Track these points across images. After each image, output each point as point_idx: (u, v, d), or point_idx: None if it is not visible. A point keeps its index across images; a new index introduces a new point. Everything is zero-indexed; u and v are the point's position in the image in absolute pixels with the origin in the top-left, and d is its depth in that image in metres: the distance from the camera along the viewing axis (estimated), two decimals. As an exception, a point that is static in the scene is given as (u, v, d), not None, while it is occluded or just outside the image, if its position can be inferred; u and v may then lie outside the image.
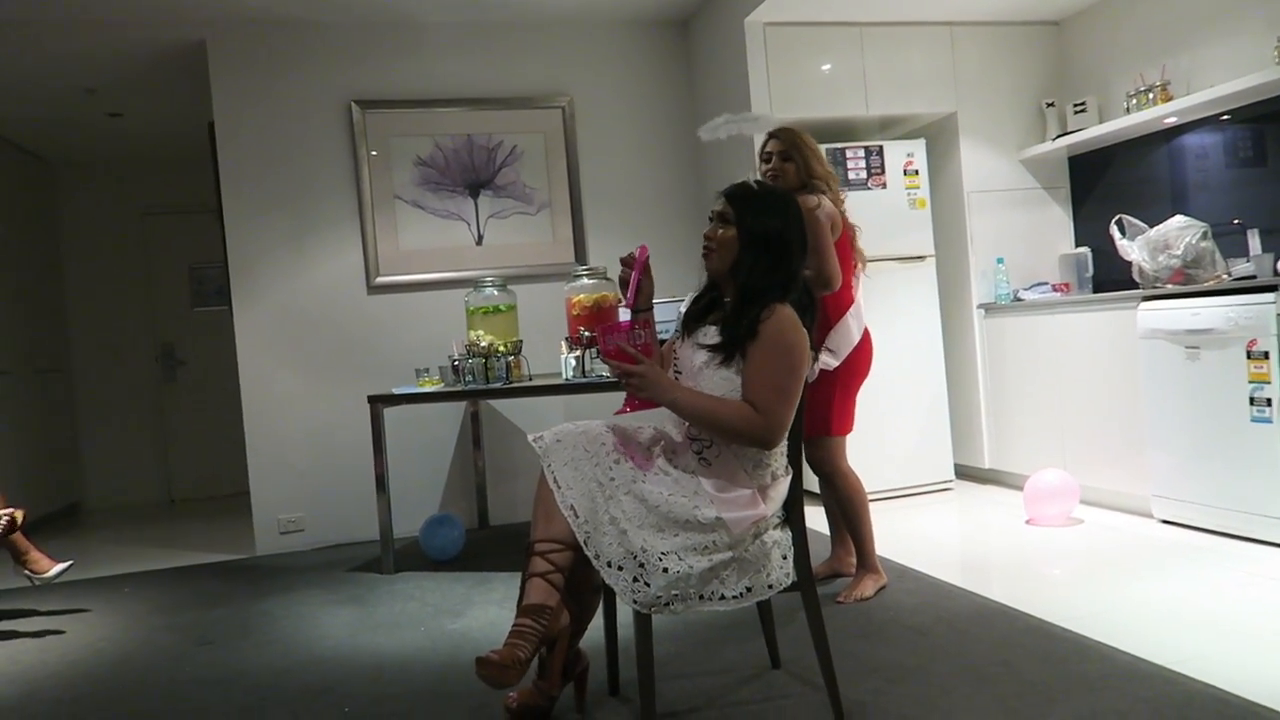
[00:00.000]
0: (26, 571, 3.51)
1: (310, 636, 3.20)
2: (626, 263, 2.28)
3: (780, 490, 2.18)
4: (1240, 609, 2.79)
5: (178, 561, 4.63)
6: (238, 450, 4.84)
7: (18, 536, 3.53)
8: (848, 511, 3.21)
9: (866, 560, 3.20)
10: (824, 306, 3.15)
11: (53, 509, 6.20)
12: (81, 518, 6.49)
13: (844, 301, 3.18)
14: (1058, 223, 5.05)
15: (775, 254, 2.17)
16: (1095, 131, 4.61)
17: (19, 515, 3.48)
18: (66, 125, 5.88)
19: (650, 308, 2.29)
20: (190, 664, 3.00)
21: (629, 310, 2.27)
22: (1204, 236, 3.81)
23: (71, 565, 3.61)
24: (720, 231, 2.19)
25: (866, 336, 3.25)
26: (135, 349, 6.92)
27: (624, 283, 2.28)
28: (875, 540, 3.23)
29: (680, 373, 2.21)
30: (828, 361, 3.16)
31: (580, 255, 5.06)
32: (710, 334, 2.20)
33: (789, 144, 3.21)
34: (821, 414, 3.15)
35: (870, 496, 3.29)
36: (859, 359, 3.23)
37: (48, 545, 3.81)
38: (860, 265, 3.30)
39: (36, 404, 6.14)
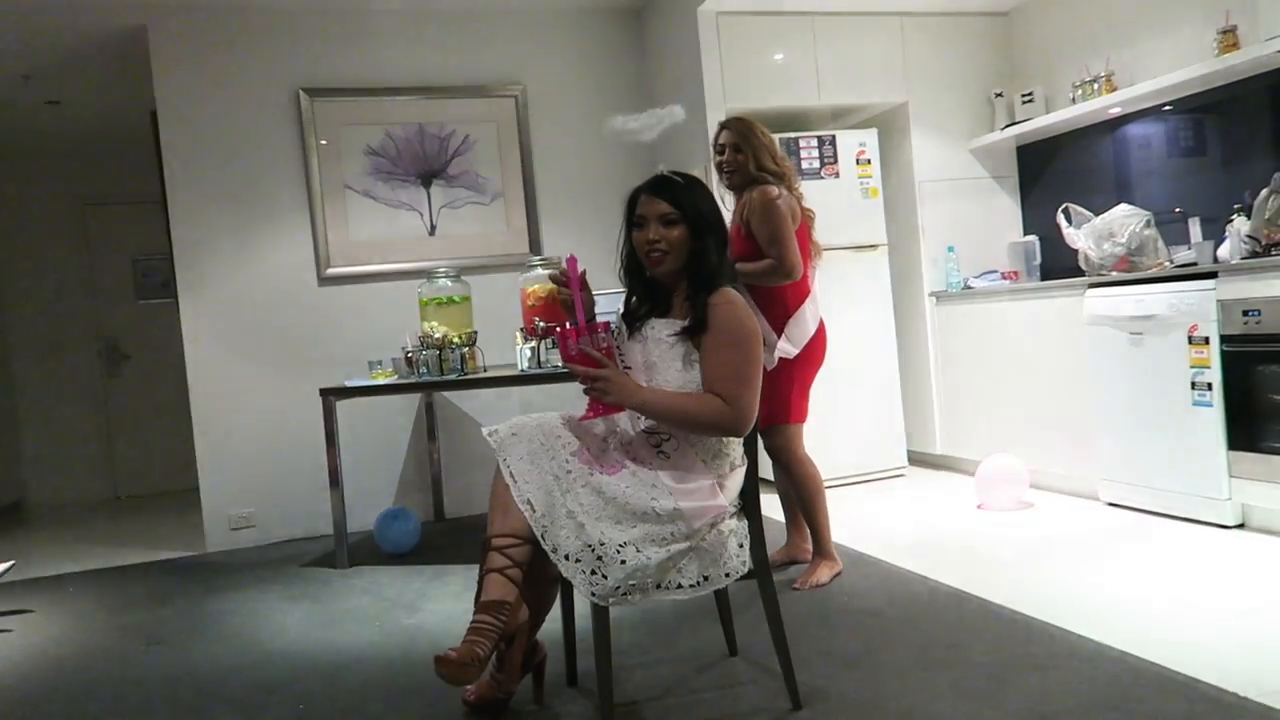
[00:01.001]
0: None
1: (263, 634, 3.15)
2: (559, 281, 2.19)
3: (737, 480, 2.19)
4: (1181, 589, 2.86)
5: (125, 560, 4.53)
6: (186, 446, 4.75)
7: None
8: (804, 499, 3.24)
9: (822, 547, 3.23)
10: (784, 295, 3.17)
11: (-7, 508, 6.04)
12: (23, 516, 6.33)
13: (802, 291, 3.20)
14: (1006, 212, 5.13)
15: (720, 235, 2.21)
16: (1042, 121, 4.68)
17: None
18: (2, 113, 5.70)
19: (594, 316, 2.22)
20: (139, 664, 2.94)
21: (580, 332, 2.13)
22: (1147, 225, 3.89)
23: (12, 566, 3.52)
24: (667, 231, 2.17)
25: (821, 327, 3.28)
26: (77, 343, 6.75)
27: (567, 305, 2.18)
28: (830, 526, 3.27)
29: (629, 369, 2.20)
30: (787, 350, 3.19)
31: (534, 245, 5.03)
32: (659, 328, 2.19)
33: (741, 135, 3.21)
34: (780, 402, 3.17)
35: (825, 483, 3.32)
36: (815, 348, 3.26)
37: (-12, 545, 3.72)
38: (817, 255, 3.32)
39: (-26, 400, 5.97)
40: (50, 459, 6.65)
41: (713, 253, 2.18)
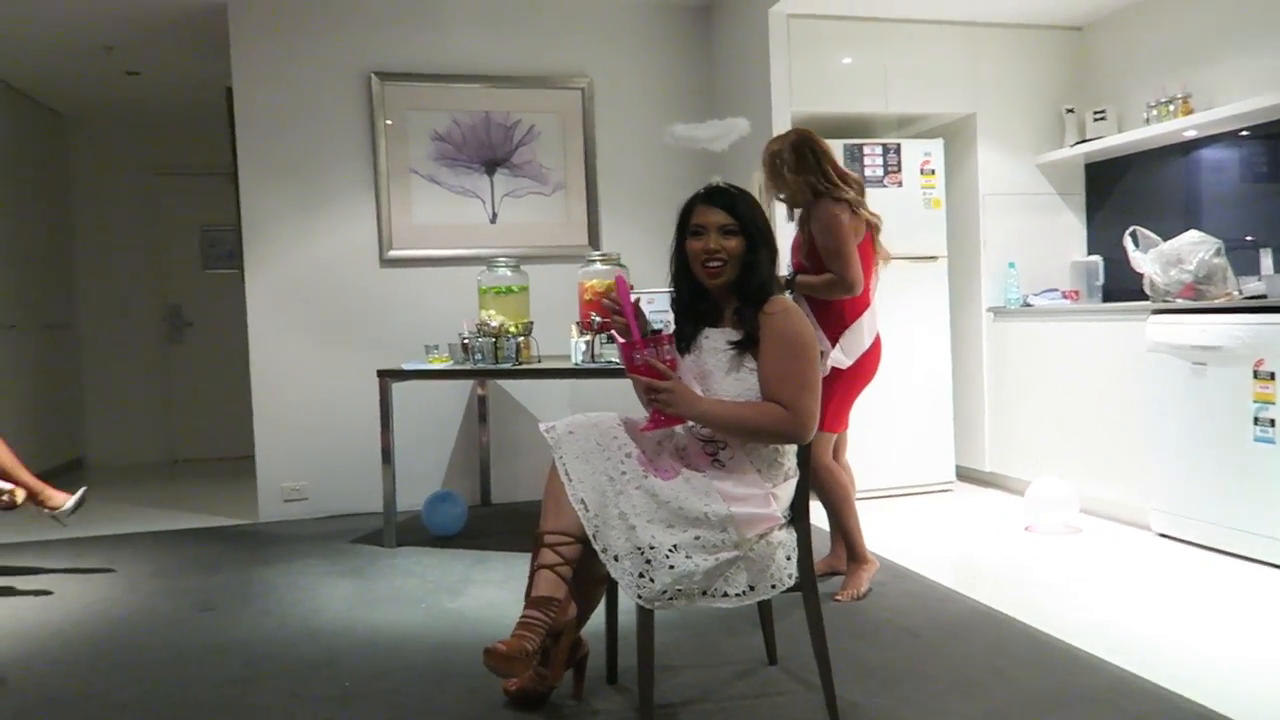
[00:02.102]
0: (46, 511, 3.53)
1: (310, 608, 3.23)
2: (613, 309, 2.18)
3: (788, 491, 2.21)
4: (1233, 629, 2.82)
5: (180, 524, 4.67)
6: (243, 414, 4.87)
7: (28, 479, 3.55)
8: (830, 506, 3.25)
9: (855, 551, 3.23)
10: (841, 305, 3.17)
11: (57, 463, 6.24)
12: (84, 474, 6.53)
13: (861, 303, 3.19)
14: (1071, 229, 5.05)
15: (771, 248, 2.23)
16: (1114, 140, 4.60)
17: (19, 496, 3.49)
18: (83, 81, 5.86)
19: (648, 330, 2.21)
20: (191, 630, 3.04)
21: (645, 343, 2.13)
22: (1217, 253, 3.81)
23: (86, 492, 3.63)
24: (727, 242, 2.18)
25: (877, 341, 3.27)
26: (143, 308, 6.94)
27: (622, 329, 2.17)
28: (870, 535, 3.26)
29: (683, 379, 2.22)
30: (840, 360, 3.18)
31: (593, 238, 5.06)
32: (714, 338, 2.21)
33: (801, 151, 3.19)
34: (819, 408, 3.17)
35: (870, 493, 3.32)
36: (867, 362, 3.25)
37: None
38: (882, 262, 3.31)
39: (44, 359, 6.17)
40: (111, 420, 6.86)
41: (765, 265, 2.20)
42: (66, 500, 3.54)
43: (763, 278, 2.19)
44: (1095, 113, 4.76)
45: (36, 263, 6.15)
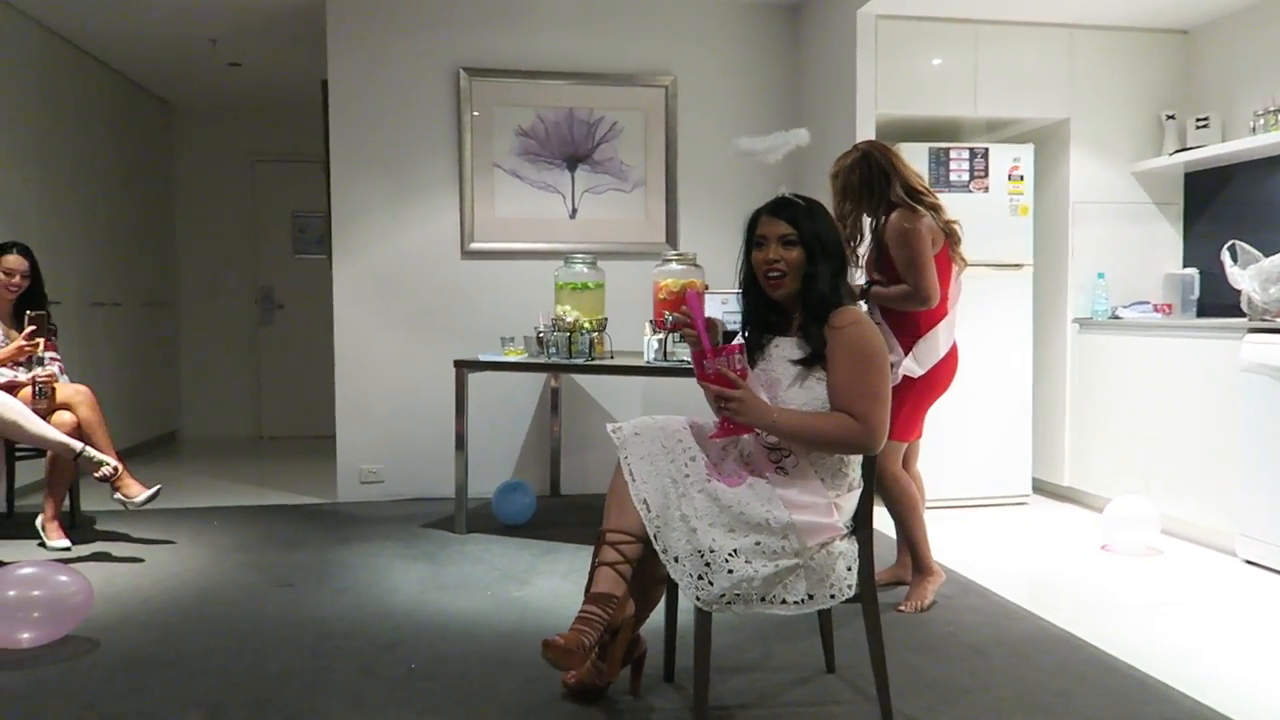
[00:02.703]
0: (118, 496, 3.70)
1: (382, 589, 3.34)
2: (685, 322, 2.17)
3: (852, 501, 2.21)
4: (1318, 664, 2.70)
5: (264, 500, 4.86)
6: (326, 395, 5.03)
7: (118, 464, 3.73)
8: (897, 515, 3.21)
9: (921, 562, 3.19)
10: (916, 314, 3.13)
11: (153, 436, 6.55)
12: (178, 447, 6.84)
13: (937, 313, 3.14)
14: (1166, 241, 4.87)
15: (835, 262, 2.22)
16: (1217, 150, 4.42)
17: (119, 467, 3.66)
18: (189, 71, 6.12)
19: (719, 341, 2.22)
20: (270, 604, 3.16)
21: (717, 352, 2.13)
22: (1322, 271, 3.65)
23: (159, 491, 3.79)
24: (787, 253, 2.19)
25: (954, 350, 3.21)
26: (237, 290, 7.23)
27: (694, 340, 2.16)
28: (938, 546, 3.21)
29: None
30: (911, 369, 3.14)
31: (671, 236, 5.08)
32: (784, 347, 2.22)
33: (874, 163, 3.15)
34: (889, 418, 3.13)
35: (941, 503, 3.28)
36: (942, 372, 3.19)
37: (145, 471, 4.07)
38: (960, 268, 3.25)
39: (144, 336, 6.46)
40: (205, 396, 7.17)
41: (824, 279, 2.19)
42: (141, 492, 3.69)
43: (823, 290, 2.18)
44: (1198, 120, 4.58)
45: (140, 244, 6.44)
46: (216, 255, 7.17)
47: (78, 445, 3.61)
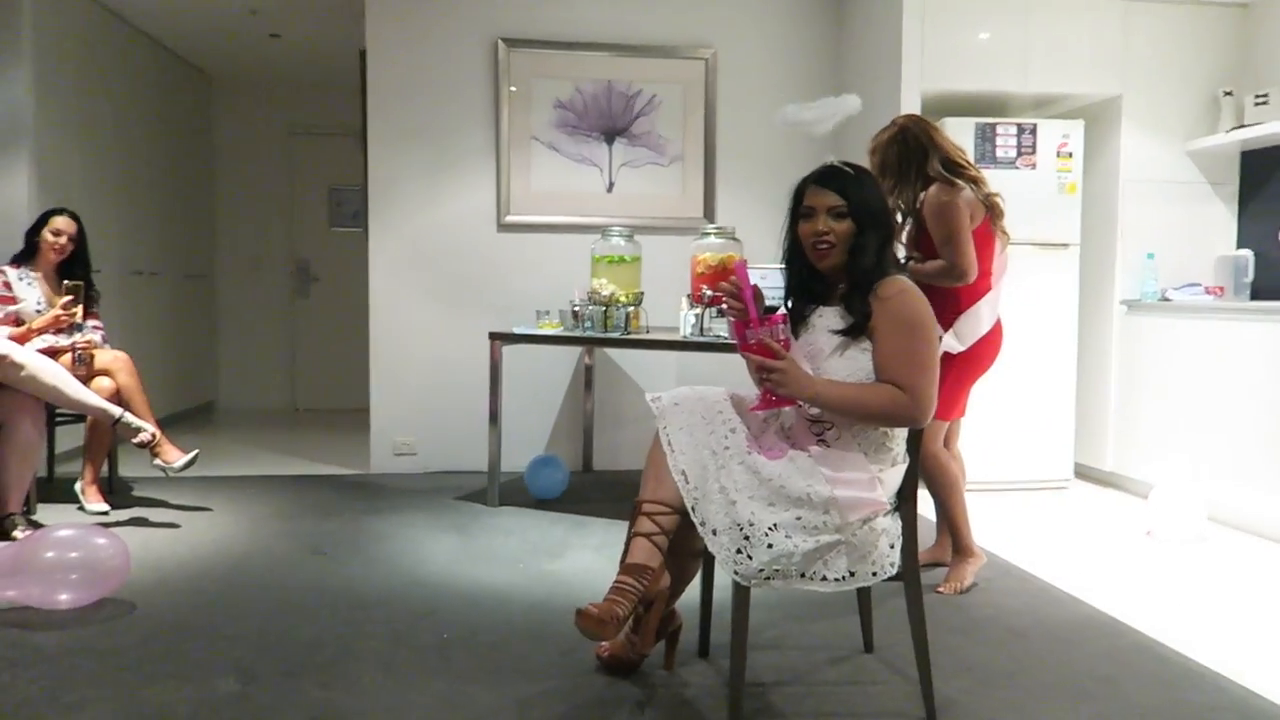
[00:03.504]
0: (158, 461, 3.73)
1: (415, 559, 3.33)
2: (732, 294, 2.11)
3: (896, 476, 2.16)
4: (1375, 656, 2.61)
5: (298, 470, 4.88)
6: (361, 368, 5.04)
7: (156, 430, 3.75)
8: (937, 495, 3.15)
9: (961, 543, 3.13)
10: (957, 289, 3.06)
11: (190, 405, 6.61)
12: (215, 416, 6.90)
13: (979, 289, 3.06)
14: (1220, 221, 4.73)
15: (884, 231, 2.17)
16: (1276, 127, 4.27)
17: (155, 434, 3.68)
18: (229, 43, 6.13)
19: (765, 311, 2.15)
20: (304, 572, 3.17)
21: (759, 322, 2.08)
22: (1386, 252, 3.51)
23: (197, 455, 3.81)
24: (837, 225, 2.13)
25: (998, 327, 3.14)
26: (274, 262, 7.26)
27: (740, 313, 2.11)
28: (979, 528, 3.15)
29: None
30: (951, 345, 3.07)
31: (709, 211, 5.02)
32: (827, 317, 2.16)
33: (910, 140, 3.08)
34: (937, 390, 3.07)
35: (981, 485, 3.21)
36: (985, 348, 3.12)
37: (182, 439, 4.08)
38: (1003, 243, 3.17)
39: (183, 307, 6.52)
40: (241, 367, 7.22)
41: (872, 250, 2.13)
42: (180, 458, 3.71)
43: (870, 262, 2.12)
44: (1257, 97, 4.43)
45: (180, 214, 6.48)
46: (254, 228, 7.21)
47: (116, 411, 3.63)
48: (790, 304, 2.26)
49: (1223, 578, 3.33)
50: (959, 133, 4.43)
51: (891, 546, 2.10)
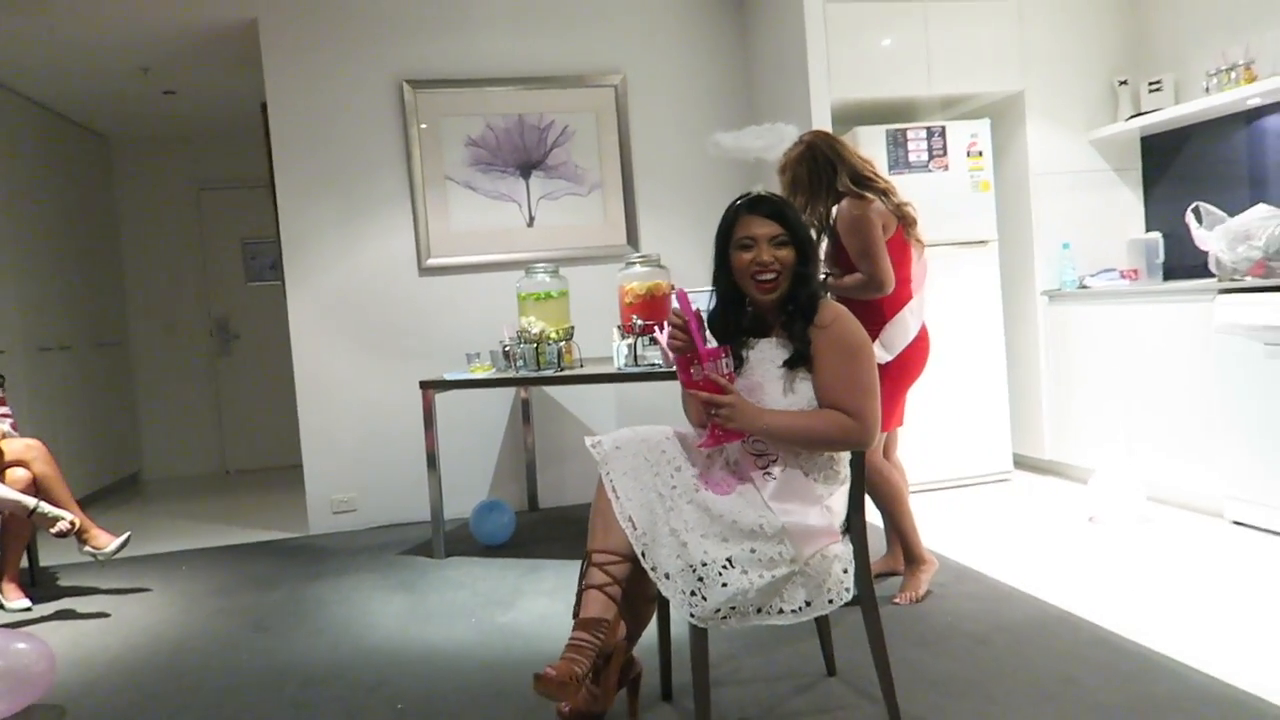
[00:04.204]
0: (88, 549, 3.56)
1: (362, 625, 3.22)
2: (678, 324, 2.08)
3: (842, 498, 2.14)
4: (1319, 624, 2.67)
5: (234, 539, 4.69)
6: (290, 423, 4.87)
7: (78, 512, 3.59)
8: (883, 507, 3.15)
9: (912, 552, 3.13)
10: (880, 300, 3.07)
11: (113, 480, 6.34)
12: (141, 488, 6.63)
13: (901, 298, 3.09)
14: (1128, 207, 4.86)
15: (815, 255, 2.18)
16: (1171, 112, 4.41)
17: (76, 520, 3.51)
18: (123, 102, 5.92)
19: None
20: (247, 651, 3.03)
21: (704, 357, 2.05)
22: (1287, 226, 3.63)
23: (129, 538, 3.65)
24: (780, 253, 2.10)
25: (924, 333, 3.16)
26: (191, 322, 7.03)
27: (686, 344, 2.06)
28: (927, 532, 3.16)
29: None
30: (880, 355, 3.08)
31: (632, 236, 4.99)
32: (764, 349, 2.14)
33: (818, 156, 3.10)
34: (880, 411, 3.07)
35: (925, 486, 3.22)
36: (914, 355, 3.14)
37: (109, 516, 3.91)
38: (919, 250, 3.20)
39: (97, 377, 6.25)
40: (166, 435, 6.96)
41: (814, 278, 2.14)
42: (110, 542, 3.56)
43: (814, 289, 2.11)
44: (1150, 84, 4.57)
45: (86, 283, 6.23)
46: (167, 289, 6.97)
47: (31, 502, 3.44)
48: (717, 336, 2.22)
49: (1168, 560, 3.38)
50: (871, 141, 4.49)
51: (845, 571, 2.08)
